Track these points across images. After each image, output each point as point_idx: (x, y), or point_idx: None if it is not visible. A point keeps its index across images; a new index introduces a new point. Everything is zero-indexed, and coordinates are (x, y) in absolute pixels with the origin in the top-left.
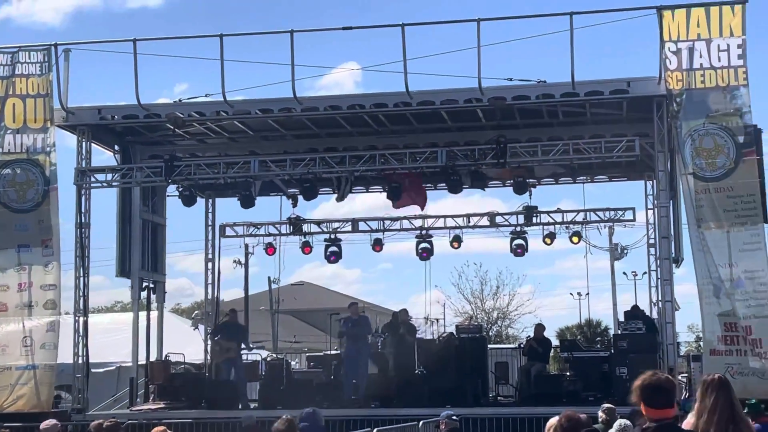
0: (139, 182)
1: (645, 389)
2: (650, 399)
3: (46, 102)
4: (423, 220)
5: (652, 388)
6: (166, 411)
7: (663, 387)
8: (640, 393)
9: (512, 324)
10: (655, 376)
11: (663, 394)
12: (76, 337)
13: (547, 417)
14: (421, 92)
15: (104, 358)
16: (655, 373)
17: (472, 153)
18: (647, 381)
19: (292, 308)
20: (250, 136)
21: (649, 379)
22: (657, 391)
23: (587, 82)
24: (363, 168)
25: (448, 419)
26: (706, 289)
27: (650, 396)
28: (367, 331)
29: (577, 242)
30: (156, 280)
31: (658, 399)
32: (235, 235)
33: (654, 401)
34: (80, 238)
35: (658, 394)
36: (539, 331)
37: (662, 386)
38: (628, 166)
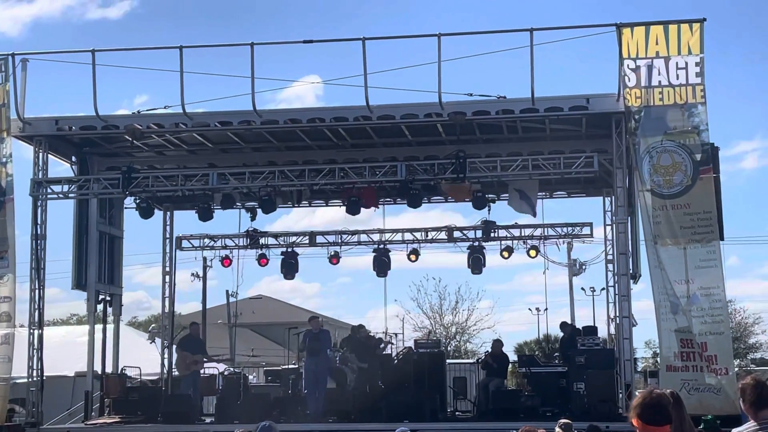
0: (96, 194)
1: (644, 407)
2: (649, 416)
3: (3, 112)
4: (380, 234)
5: (650, 405)
6: (121, 425)
7: (661, 403)
8: (639, 410)
9: (471, 339)
10: (654, 392)
11: (661, 410)
12: (30, 350)
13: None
14: (382, 106)
15: (59, 371)
16: (652, 389)
17: (431, 167)
18: (647, 399)
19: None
20: (209, 149)
21: (648, 395)
22: (655, 408)
23: (547, 98)
24: (322, 182)
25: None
26: (663, 306)
27: (649, 413)
28: (327, 345)
29: (535, 256)
30: (112, 293)
31: (656, 416)
32: (192, 248)
33: (652, 418)
34: (36, 249)
35: (657, 411)
36: (497, 347)
37: (660, 402)
38: (586, 182)
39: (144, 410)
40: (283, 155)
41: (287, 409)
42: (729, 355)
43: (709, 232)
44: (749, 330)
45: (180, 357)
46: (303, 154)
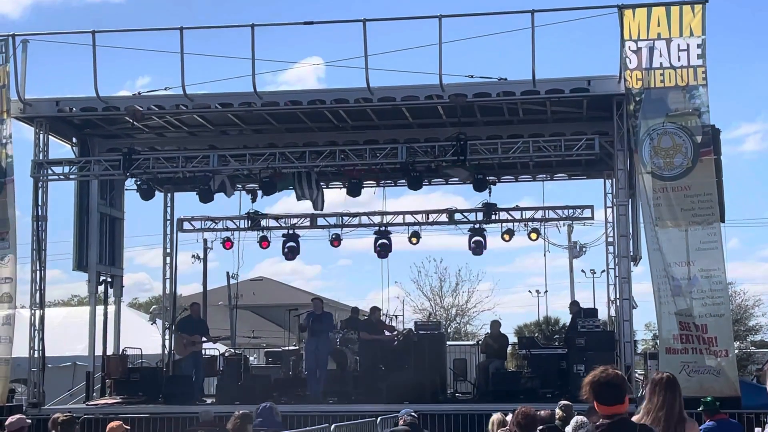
0: (97, 175)
1: (595, 385)
2: (601, 395)
3: (3, 93)
4: (382, 217)
5: (601, 384)
6: (122, 406)
7: (612, 383)
8: (591, 389)
9: (471, 321)
10: (605, 372)
11: (613, 390)
12: (32, 330)
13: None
14: (382, 88)
15: (60, 352)
16: (606, 369)
17: (432, 150)
18: (597, 377)
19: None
20: (210, 131)
21: (599, 375)
22: (607, 387)
23: (548, 80)
24: (323, 164)
25: (408, 415)
26: (662, 288)
27: (600, 392)
28: (328, 327)
29: (536, 239)
30: (113, 274)
31: (608, 395)
32: (193, 230)
33: (604, 397)
34: (37, 231)
35: (609, 390)
36: (495, 328)
37: (612, 382)
38: (587, 165)
39: (145, 391)
40: (284, 137)
41: (287, 390)
42: (729, 337)
43: (709, 214)
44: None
45: (176, 339)
46: (303, 136)
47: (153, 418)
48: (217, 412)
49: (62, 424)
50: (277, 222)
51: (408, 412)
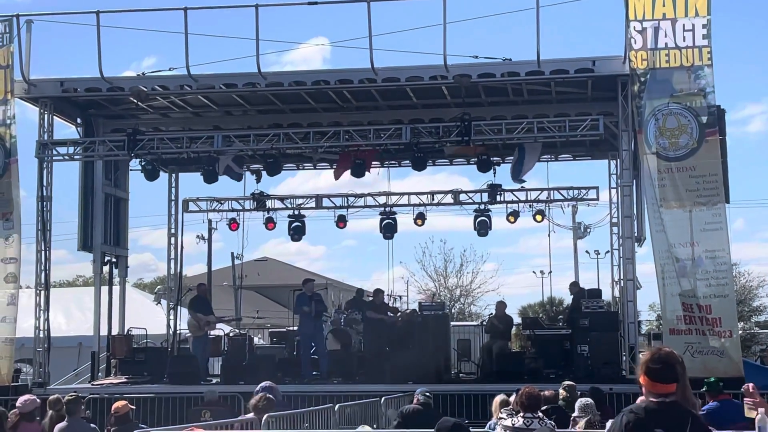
0: (101, 156)
1: (653, 363)
2: (656, 374)
3: (7, 73)
4: (387, 197)
5: (660, 361)
6: (127, 385)
7: (669, 362)
8: (647, 367)
9: (475, 302)
10: (662, 350)
11: (668, 369)
12: (37, 311)
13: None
14: (387, 68)
15: (66, 332)
16: (661, 347)
17: (436, 130)
18: (655, 356)
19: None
20: (214, 111)
21: (656, 352)
22: (664, 365)
23: (552, 60)
24: (327, 144)
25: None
26: (666, 269)
27: (656, 371)
28: (321, 308)
29: (541, 221)
30: (118, 255)
31: (663, 374)
32: (198, 210)
33: (660, 376)
34: (42, 211)
35: (664, 369)
36: (501, 309)
37: (669, 361)
38: (592, 145)
39: (150, 371)
40: (288, 117)
41: (292, 370)
42: (733, 317)
43: (714, 195)
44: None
45: (193, 318)
46: (308, 117)
47: (158, 398)
48: (221, 391)
49: (68, 404)
50: (283, 203)
51: (422, 391)
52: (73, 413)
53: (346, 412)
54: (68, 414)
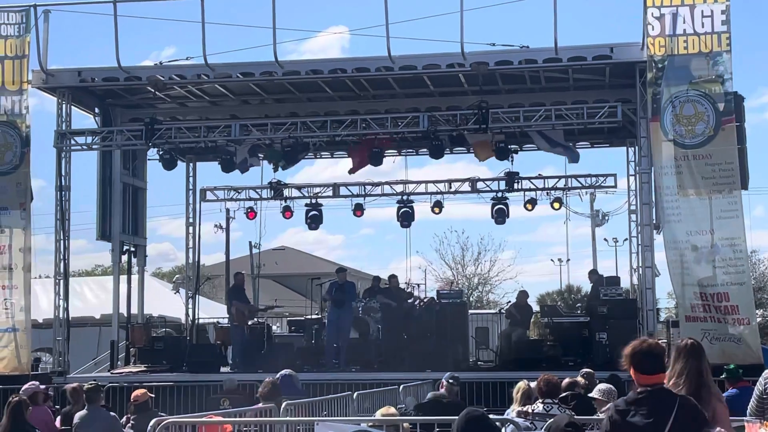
0: (119, 145)
1: (635, 355)
2: (641, 364)
3: (23, 64)
4: (404, 186)
5: (642, 353)
6: (146, 374)
7: (653, 352)
8: (631, 359)
9: (493, 290)
10: (645, 342)
11: (653, 359)
12: (56, 300)
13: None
14: (404, 57)
15: (84, 321)
16: (645, 339)
17: (453, 118)
18: (637, 347)
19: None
20: (232, 100)
21: (639, 345)
22: (647, 357)
23: (570, 47)
24: (344, 132)
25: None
26: (684, 256)
27: (641, 361)
28: (351, 297)
29: (558, 208)
30: (137, 244)
31: (648, 364)
32: (216, 200)
33: (645, 366)
34: (60, 201)
35: (649, 360)
36: (522, 299)
37: (652, 352)
38: (610, 133)
39: (169, 359)
40: (305, 106)
41: (310, 358)
42: (751, 305)
43: (731, 183)
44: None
45: (236, 308)
46: (325, 105)
47: (177, 386)
48: (240, 380)
49: (87, 392)
50: (300, 191)
51: (451, 375)
52: (93, 401)
53: (365, 400)
54: (88, 402)
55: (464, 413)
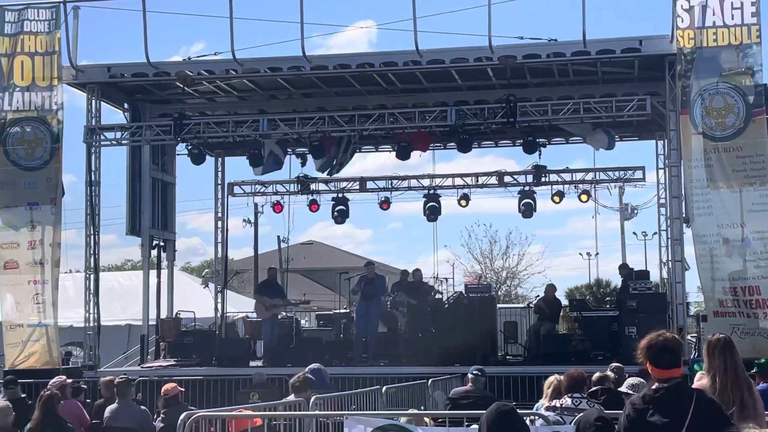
0: (148, 140)
1: (651, 349)
2: (657, 359)
3: (54, 60)
4: (431, 180)
5: (658, 347)
6: (176, 368)
7: (669, 347)
8: (647, 353)
9: (521, 284)
10: (661, 335)
11: (669, 353)
12: (87, 294)
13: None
14: (431, 51)
15: (115, 315)
16: (661, 332)
17: (481, 112)
18: (653, 341)
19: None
20: (260, 95)
21: (655, 339)
22: (663, 351)
23: (599, 40)
24: (372, 127)
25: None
26: (715, 250)
27: (656, 356)
28: (380, 291)
29: (586, 201)
30: (166, 239)
31: (664, 358)
32: (244, 194)
33: (660, 361)
34: (90, 196)
35: (665, 354)
36: (550, 292)
37: (668, 346)
38: (639, 126)
39: (198, 353)
40: (333, 101)
41: (339, 352)
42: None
43: (762, 175)
44: None
45: (258, 302)
46: (353, 100)
47: (206, 380)
48: (269, 374)
49: (118, 386)
50: (327, 185)
51: (475, 367)
52: (123, 395)
53: (393, 394)
54: (119, 396)
55: (494, 407)
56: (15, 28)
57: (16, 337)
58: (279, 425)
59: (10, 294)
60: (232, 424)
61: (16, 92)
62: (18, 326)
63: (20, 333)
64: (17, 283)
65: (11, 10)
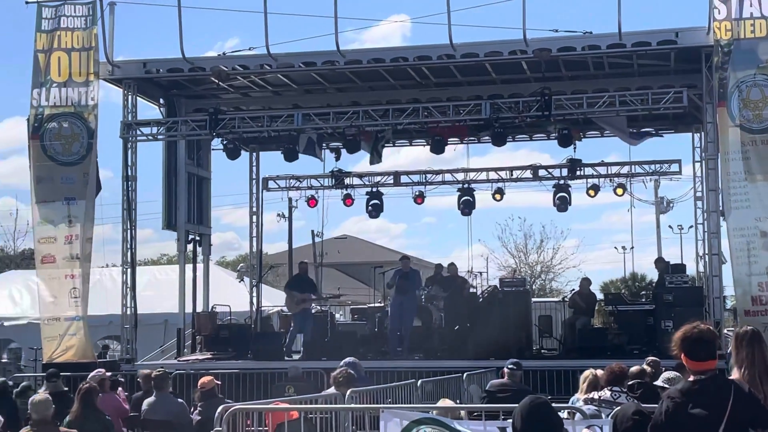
0: (184, 135)
1: (686, 341)
2: (691, 351)
3: (90, 56)
4: (465, 174)
5: (693, 339)
6: (212, 361)
7: (704, 338)
8: (681, 345)
9: (556, 278)
10: (696, 327)
11: (704, 345)
12: (124, 288)
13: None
14: (465, 44)
15: (151, 309)
16: (696, 324)
17: (516, 105)
18: (688, 333)
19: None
20: (294, 90)
21: (689, 331)
22: (698, 343)
23: (634, 32)
24: (406, 121)
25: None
26: (752, 242)
27: (691, 348)
28: (415, 285)
29: (621, 194)
30: (202, 233)
31: (699, 350)
32: (278, 189)
33: (696, 353)
34: (127, 191)
35: (700, 346)
36: (585, 286)
37: (703, 338)
38: (675, 118)
39: (234, 347)
40: (367, 95)
41: (374, 346)
42: None
43: None
44: None
45: (288, 296)
46: (387, 94)
47: (242, 374)
48: (304, 368)
49: (156, 379)
50: (361, 180)
51: (512, 361)
52: (161, 388)
53: (429, 387)
54: (156, 389)
55: (527, 400)
56: (52, 24)
57: (54, 331)
58: (315, 418)
59: (48, 288)
60: (269, 417)
61: (53, 88)
62: (55, 320)
63: (57, 327)
64: (54, 277)
65: (48, 6)
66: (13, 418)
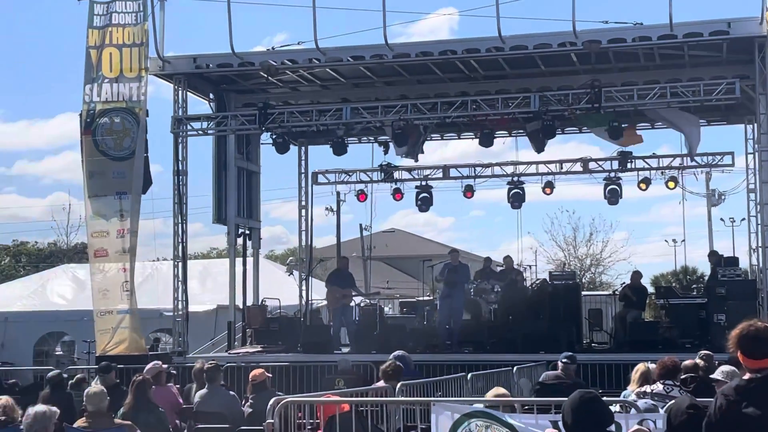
0: (233, 130)
1: (742, 339)
2: (748, 349)
3: (141, 51)
4: (515, 167)
5: (749, 337)
6: (263, 354)
7: (761, 336)
8: (738, 342)
9: (606, 271)
10: (753, 325)
11: (761, 343)
12: (175, 282)
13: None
14: (514, 37)
15: (202, 302)
16: (753, 322)
17: (565, 98)
18: (744, 331)
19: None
20: (342, 84)
21: (746, 328)
22: (755, 341)
23: (686, 23)
24: (455, 114)
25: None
26: None
27: (748, 345)
28: (464, 278)
29: (673, 187)
30: (251, 227)
31: (756, 348)
32: (327, 182)
33: (752, 351)
34: (178, 185)
35: (757, 344)
36: (635, 279)
37: (760, 336)
38: (727, 110)
39: (284, 340)
40: (415, 89)
41: (422, 339)
42: None
43: None
44: None
45: (329, 291)
46: (435, 87)
47: (292, 366)
48: (354, 361)
49: (207, 371)
50: (410, 174)
51: (566, 355)
52: (213, 380)
53: (479, 381)
54: (208, 381)
55: (576, 394)
56: (103, 21)
57: (106, 324)
58: (366, 411)
59: (100, 281)
60: (321, 410)
61: (105, 83)
62: (108, 313)
63: (110, 320)
64: (106, 270)
65: (100, 2)
66: (69, 410)
